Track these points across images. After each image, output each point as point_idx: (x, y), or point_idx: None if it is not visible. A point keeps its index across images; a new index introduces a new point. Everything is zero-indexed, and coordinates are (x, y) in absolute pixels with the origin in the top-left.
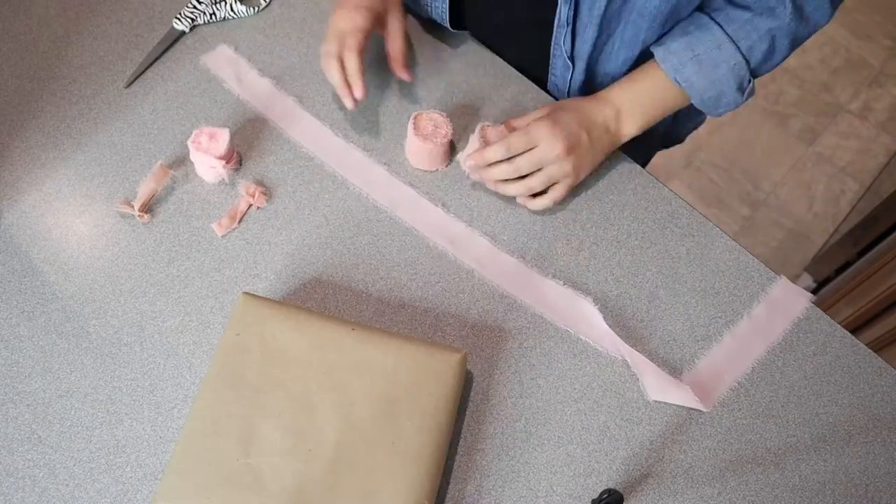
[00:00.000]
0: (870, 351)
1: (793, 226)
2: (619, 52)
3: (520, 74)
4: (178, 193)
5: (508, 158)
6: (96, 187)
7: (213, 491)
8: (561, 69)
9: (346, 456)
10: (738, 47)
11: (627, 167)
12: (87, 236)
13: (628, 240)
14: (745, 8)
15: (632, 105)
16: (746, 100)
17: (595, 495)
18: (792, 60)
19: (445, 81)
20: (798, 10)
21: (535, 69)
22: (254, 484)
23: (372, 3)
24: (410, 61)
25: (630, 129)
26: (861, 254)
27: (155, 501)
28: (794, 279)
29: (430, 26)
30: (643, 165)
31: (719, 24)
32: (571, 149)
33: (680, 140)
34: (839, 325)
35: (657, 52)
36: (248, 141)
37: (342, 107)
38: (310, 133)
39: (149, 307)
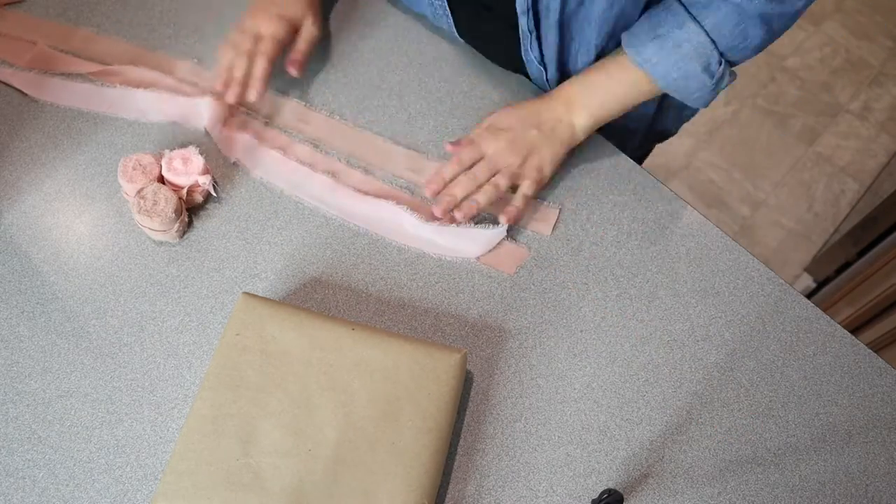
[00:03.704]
0: (870, 351)
1: (793, 226)
2: (579, 56)
3: (518, 75)
4: None
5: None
6: (96, 187)
7: (212, 491)
8: (536, 73)
9: (346, 456)
10: (702, 26)
11: (627, 167)
12: (87, 236)
13: (628, 240)
14: None
15: (583, 95)
16: (721, 86)
17: (595, 495)
18: (792, 60)
19: (441, 84)
20: None
21: (516, 72)
22: (254, 484)
23: (293, 14)
24: (408, 63)
25: (581, 119)
26: (861, 254)
27: (155, 501)
28: (794, 279)
29: (423, 31)
30: (640, 160)
31: (683, 5)
32: (519, 145)
33: (671, 132)
34: (839, 325)
35: (623, 37)
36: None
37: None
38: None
39: (149, 307)
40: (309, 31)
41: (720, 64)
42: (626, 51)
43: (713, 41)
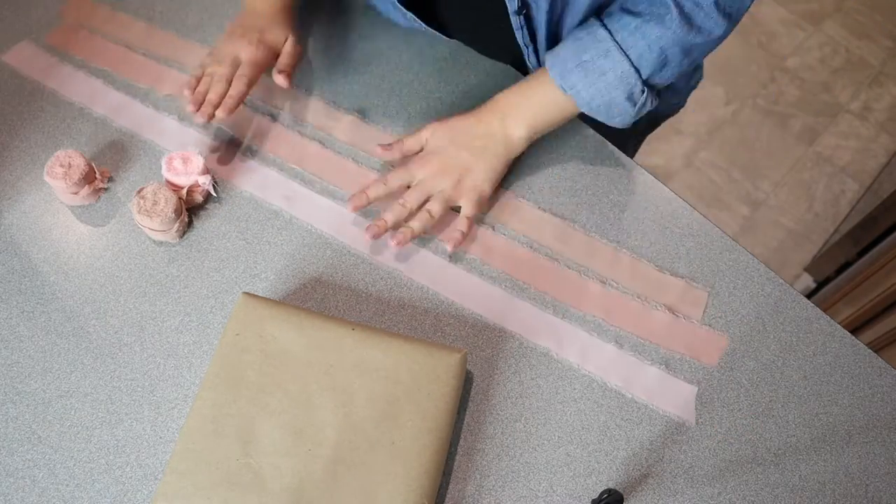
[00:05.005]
0: (870, 351)
1: (793, 226)
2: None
3: (513, 69)
4: None
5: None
6: None
7: (212, 491)
8: (534, 61)
9: (345, 456)
10: (627, 56)
11: (628, 167)
12: (87, 236)
13: (628, 240)
14: (636, 14)
15: (518, 107)
16: (643, 111)
17: (595, 495)
18: (792, 60)
19: (441, 84)
20: (685, 18)
21: (511, 63)
22: (253, 484)
23: (274, 39)
24: (408, 63)
25: (518, 131)
26: (861, 254)
27: (155, 501)
28: (794, 279)
29: (423, 32)
30: (635, 149)
31: (609, 31)
32: (451, 168)
33: (680, 105)
34: (839, 325)
35: (547, 57)
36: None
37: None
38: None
39: (149, 307)
40: (292, 46)
41: (643, 92)
42: (550, 74)
43: (637, 70)
